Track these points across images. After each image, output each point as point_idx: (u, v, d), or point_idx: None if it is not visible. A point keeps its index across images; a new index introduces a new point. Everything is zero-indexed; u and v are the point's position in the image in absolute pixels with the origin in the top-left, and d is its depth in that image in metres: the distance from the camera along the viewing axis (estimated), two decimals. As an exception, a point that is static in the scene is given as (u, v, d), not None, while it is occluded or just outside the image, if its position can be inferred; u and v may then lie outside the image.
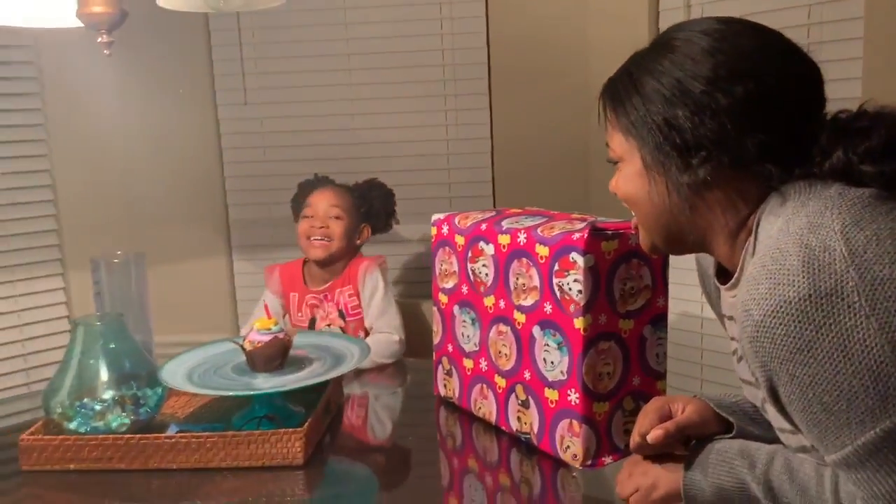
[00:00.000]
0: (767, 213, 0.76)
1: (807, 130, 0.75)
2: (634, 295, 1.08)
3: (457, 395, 1.32)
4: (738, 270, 0.80)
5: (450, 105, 2.21)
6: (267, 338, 1.20)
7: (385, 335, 1.67)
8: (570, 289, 1.05)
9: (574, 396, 1.06)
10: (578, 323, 1.04)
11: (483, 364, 1.24)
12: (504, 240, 1.16)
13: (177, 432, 1.21)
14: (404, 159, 2.23)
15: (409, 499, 1.11)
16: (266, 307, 1.29)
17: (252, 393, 1.15)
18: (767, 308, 0.68)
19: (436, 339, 1.36)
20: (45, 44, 2.09)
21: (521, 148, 2.18)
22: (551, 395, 1.10)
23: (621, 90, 0.81)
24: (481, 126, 2.20)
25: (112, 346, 1.20)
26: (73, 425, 1.17)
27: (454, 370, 1.31)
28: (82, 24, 1.03)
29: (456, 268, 1.28)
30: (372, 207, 1.86)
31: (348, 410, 1.40)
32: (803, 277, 0.66)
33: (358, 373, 1.55)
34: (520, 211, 1.26)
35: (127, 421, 1.18)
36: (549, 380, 1.10)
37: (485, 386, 1.24)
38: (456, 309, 1.29)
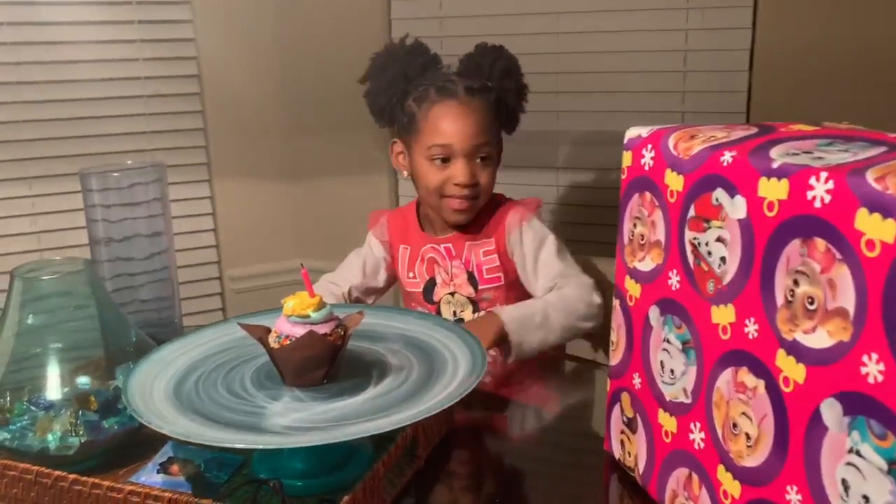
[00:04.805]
0: None
1: None
2: None
3: (640, 468, 0.72)
4: None
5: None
6: (300, 331, 0.68)
7: (576, 290, 1.10)
8: (950, 340, 0.40)
9: None
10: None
11: (697, 435, 0.63)
12: (773, 190, 0.52)
13: (168, 458, 0.75)
14: (620, 57, 1.58)
15: None
16: (306, 276, 0.74)
17: (218, 444, 0.61)
18: None
19: (614, 358, 0.75)
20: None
21: (798, 44, 1.43)
22: (853, 565, 0.47)
23: None
24: (740, 10, 1.47)
25: (71, 309, 0.75)
26: (3, 435, 0.73)
27: (640, 423, 0.71)
28: None
29: (662, 234, 0.66)
30: (508, 106, 1.21)
31: (453, 454, 0.84)
32: None
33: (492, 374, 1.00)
34: (810, 129, 0.61)
35: (75, 441, 0.72)
36: (854, 535, 0.47)
37: (696, 476, 0.63)
38: (654, 314, 0.68)
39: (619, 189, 0.73)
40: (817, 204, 0.48)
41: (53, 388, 0.74)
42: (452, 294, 1.20)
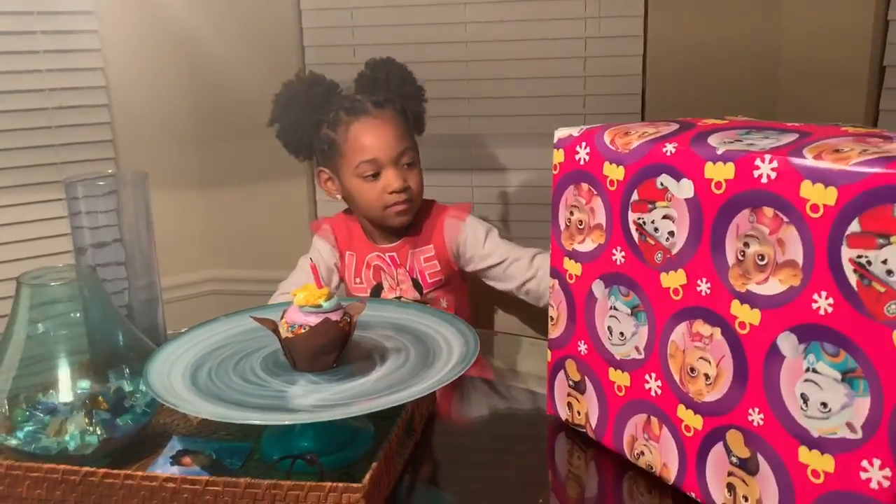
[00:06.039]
0: None
1: None
2: None
3: (593, 423, 0.82)
4: None
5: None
6: (314, 320, 0.75)
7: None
8: (888, 273, 0.53)
9: (879, 474, 0.56)
10: (898, 340, 0.53)
11: (653, 384, 0.74)
12: (720, 172, 0.64)
13: (178, 451, 0.80)
14: (525, 64, 1.71)
15: None
16: (315, 270, 0.82)
17: (262, 423, 0.68)
18: None
19: (554, 332, 0.85)
20: None
21: (684, 50, 1.61)
22: (819, 461, 0.59)
23: None
24: (632, 20, 1.64)
25: (76, 314, 0.78)
26: (14, 441, 0.76)
27: (589, 383, 0.82)
28: None
29: (603, 218, 0.77)
30: (414, 113, 1.31)
31: (436, 426, 0.92)
32: None
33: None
34: (721, 122, 0.73)
35: (93, 440, 0.76)
36: (815, 435, 0.59)
37: (655, 420, 0.75)
38: (598, 288, 0.78)
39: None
40: (764, 180, 0.61)
41: (61, 392, 0.76)
42: (399, 298, 1.28)
